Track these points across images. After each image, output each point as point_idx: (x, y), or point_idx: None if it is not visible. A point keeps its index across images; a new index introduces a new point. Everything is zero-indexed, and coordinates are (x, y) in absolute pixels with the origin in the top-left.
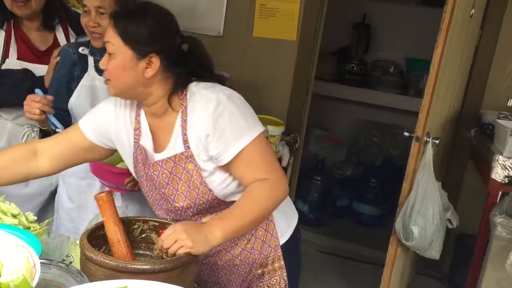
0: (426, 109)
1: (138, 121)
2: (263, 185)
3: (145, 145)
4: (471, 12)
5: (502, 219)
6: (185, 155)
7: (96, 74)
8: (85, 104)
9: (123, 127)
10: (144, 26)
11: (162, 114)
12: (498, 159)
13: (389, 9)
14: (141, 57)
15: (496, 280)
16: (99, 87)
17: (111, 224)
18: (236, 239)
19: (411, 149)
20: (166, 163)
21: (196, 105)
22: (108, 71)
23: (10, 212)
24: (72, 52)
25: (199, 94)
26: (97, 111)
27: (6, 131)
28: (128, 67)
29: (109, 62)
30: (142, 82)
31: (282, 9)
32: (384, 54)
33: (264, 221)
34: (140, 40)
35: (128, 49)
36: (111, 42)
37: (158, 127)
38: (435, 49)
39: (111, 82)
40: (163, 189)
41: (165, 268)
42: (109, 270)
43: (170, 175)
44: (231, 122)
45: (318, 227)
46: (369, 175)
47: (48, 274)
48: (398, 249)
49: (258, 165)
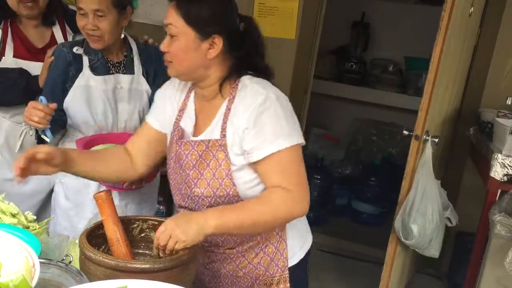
0: (425, 107)
1: (186, 103)
2: (283, 194)
3: (185, 126)
4: (470, 11)
5: (501, 218)
6: (219, 143)
7: (91, 73)
8: (80, 104)
9: (170, 108)
10: (207, 6)
11: (211, 98)
12: (497, 158)
13: (388, 8)
14: (204, 38)
15: (495, 278)
16: (94, 87)
17: (110, 223)
18: (243, 251)
19: (410, 147)
20: (198, 145)
21: (245, 96)
22: (170, 53)
23: (9, 212)
24: (66, 51)
25: (251, 86)
26: (156, 99)
27: (3, 129)
28: (192, 48)
29: (172, 44)
30: (203, 63)
31: (281, 7)
32: (383, 52)
33: (276, 238)
34: (203, 20)
35: (191, 30)
36: (173, 24)
37: (203, 111)
38: (434, 48)
39: (173, 64)
40: (188, 170)
41: (164, 267)
42: (108, 269)
43: (199, 158)
44: (273, 121)
45: (317, 225)
46: (368, 173)
47: (48, 273)
48: (398, 248)
49: (287, 174)
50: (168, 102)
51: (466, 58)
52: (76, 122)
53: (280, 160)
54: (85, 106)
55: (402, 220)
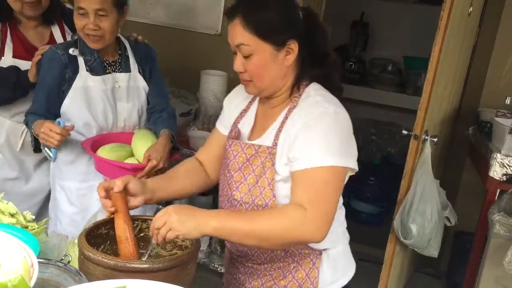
0: (424, 107)
1: (249, 106)
2: (297, 214)
3: (242, 128)
4: (469, 10)
5: (500, 217)
6: (269, 151)
7: (88, 74)
8: (80, 106)
9: (235, 111)
10: (276, 13)
11: (275, 105)
12: (496, 157)
13: (387, 7)
14: (281, 48)
15: (494, 277)
16: (93, 88)
17: (121, 221)
18: (271, 270)
19: (409, 147)
20: (248, 148)
21: (304, 106)
22: (248, 73)
23: (8, 211)
24: (61, 54)
25: (313, 98)
26: (224, 105)
27: (4, 128)
28: (270, 61)
29: (247, 63)
30: (282, 73)
31: None
32: (382, 52)
33: (309, 264)
34: (276, 30)
35: (266, 44)
36: (245, 44)
37: (264, 116)
38: (433, 47)
39: (253, 82)
40: (233, 171)
41: (163, 267)
42: (107, 269)
43: (246, 162)
44: (323, 136)
45: None
46: (367, 173)
47: (46, 273)
48: (397, 247)
49: (313, 192)
50: (234, 106)
51: (465, 57)
52: (76, 124)
53: (313, 177)
54: (85, 107)
55: (401, 220)
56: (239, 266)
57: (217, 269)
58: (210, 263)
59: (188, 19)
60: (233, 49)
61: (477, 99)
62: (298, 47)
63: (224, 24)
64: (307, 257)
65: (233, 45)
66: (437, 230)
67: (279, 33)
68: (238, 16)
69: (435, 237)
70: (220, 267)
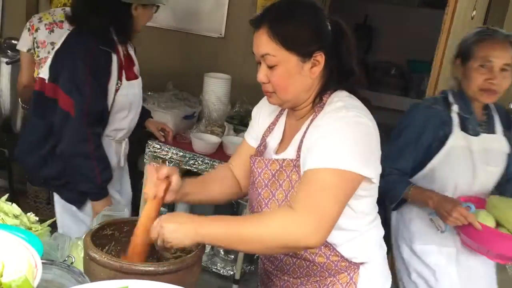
0: None
1: (278, 118)
2: (286, 214)
3: (270, 142)
4: (472, 14)
5: None
6: (293, 163)
7: (463, 133)
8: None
9: (263, 123)
10: (304, 24)
11: (300, 116)
12: None
13: (390, 11)
14: (307, 59)
15: (498, 282)
16: (465, 148)
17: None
18: (308, 283)
19: None
20: (272, 164)
21: (326, 113)
22: (272, 83)
23: (12, 213)
24: (441, 109)
25: (335, 104)
26: (253, 116)
27: (112, 148)
28: (295, 73)
29: (271, 73)
30: (307, 85)
31: None
32: (386, 55)
33: (346, 279)
34: (303, 41)
35: (292, 55)
36: (271, 54)
37: (291, 129)
38: (436, 51)
39: (277, 94)
40: (260, 189)
41: (168, 270)
42: (112, 271)
43: (272, 178)
44: (336, 139)
45: None
46: None
47: (50, 274)
48: None
49: (310, 195)
50: (262, 119)
51: None
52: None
53: (314, 179)
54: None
55: None
56: (274, 279)
57: (219, 272)
58: (212, 266)
59: (192, 22)
60: (258, 59)
61: None
62: (325, 59)
63: (227, 27)
64: (344, 271)
65: (258, 54)
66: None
67: (306, 44)
68: (265, 25)
69: None
70: (223, 270)
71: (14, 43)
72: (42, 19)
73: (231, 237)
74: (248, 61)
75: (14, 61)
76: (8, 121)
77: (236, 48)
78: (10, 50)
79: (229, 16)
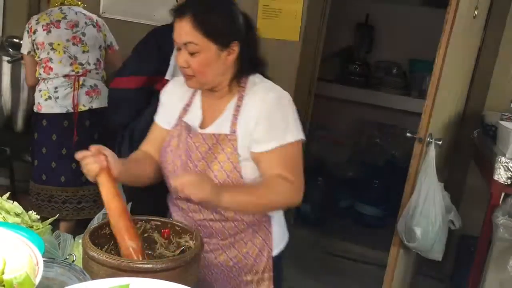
0: (428, 110)
1: (192, 99)
2: (286, 183)
3: (191, 121)
4: (474, 13)
5: (504, 221)
6: (228, 138)
7: None
8: None
9: (177, 105)
10: (223, 16)
11: (220, 96)
12: (500, 161)
13: (392, 10)
14: (225, 48)
15: (498, 281)
16: None
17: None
18: (235, 242)
19: (413, 150)
20: (209, 138)
21: (256, 92)
22: (192, 68)
23: (13, 211)
24: None
25: (261, 85)
26: (162, 99)
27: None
28: (213, 60)
29: (192, 59)
30: (223, 70)
31: (285, 9)
32: (387, 55)
33: (264, 231)
34: (223, 32)
35: (213, 44)
36: (194, 42)
37: (210, 105)
38: (438, 50)
39: (196, 78)
40: (196, 161)
41: (167, 267)
42: (111, 269)
43: (208, 151)
44: (283, 117)
45: (320, 227)
46: (371, 176)
47: (51, 272)
48: (400, 250)
49: (289, 166)
50: (175, 100)
51: (470, 60)
52: None
53: (285, 152)
54: None
55: (405, 223)
56: (204, 245)
57: None
58: None
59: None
60: (179, 45)
61: (482, 102)
62: (239, 48)
63: None
64: (262, 224)
65: (181, 42)
66: (441, 234)
67: (225, 34)
68: (188, 15)
69: (439, 241)
70: None
71: (15, 41)
72: (39, 20)
73: (248, 204)
74: None
75: (16, 59)
76: (10, 120)
77: None
78: (11, 49)
79: None
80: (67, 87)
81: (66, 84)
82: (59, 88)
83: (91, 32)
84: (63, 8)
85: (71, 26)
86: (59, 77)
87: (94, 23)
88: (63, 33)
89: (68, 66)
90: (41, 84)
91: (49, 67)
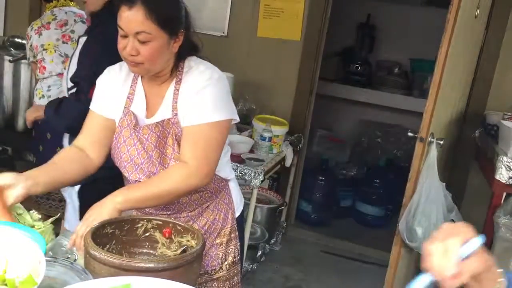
0: (430, 110)
1: (134, 88)
2: (180, 168)
3: (137, 111)
4: (476, 13)
5: (506, 220)
6: (171, 121)
7: None
8: None
9: (117, 93)
10: (173, 7)
11: (161, 82)
12: (502, 160)
13: (393, 10)
14: (175, 37)
15: None
16: None
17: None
18: (203, 211)
19: (415, 149)
20: (155, 127)
21: (191, 75)
22: (142, 56)
23: (15, 211)
24: None
25: (196, 67)
26: (99, 86)
27: None
28: (164, 48)
29: (142, 47)
30: (169, 58)
31: (287, 9)
32: (389, 54)
33: (226, 197)
34: (174, 22)
35: (164, 33)
36: (146, 32)
37: (152, 94)
38: (439, 50)
39: (145, 65)
40: (151, 151)
41: (168, 266)
42: (113, 268)
43: (158, 139)
44: (213, 96)
45: (321, 227)
46: (372, 175)
47: (53, 271)
48: (402, 250)
49: (196, 146)
50: (114, 88)
51: (471, 60)
52: None
53: (198, 132)
54: None
55: (407, 222)
56: (174, 218)
57: None
58: None
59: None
60: (129, 34)
61: (484, 102)
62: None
63: (230, 26)
64: (222, 189)
65: (132, 31)
66: None
67: (176, 24)
68: (140, 5)
69: None
70: None
71: (17, 41)
72: (33, 26)
73: (147, 197)
74: (250, 60)
75: (17, 59)
76: (11, 119)
77: (239, 47)
78: (13, 48)
79: (232, 15)
80: (60, 85)
81: (59, 83)
82: (52, 86)
83: (81, 28)
84: (54, 10)
85: (60, 26)
86: (52, 76)
87: (84, 20)
88: (52, 33)
89: (60, 64)
90: (37, 84)
91: (42, 67)
